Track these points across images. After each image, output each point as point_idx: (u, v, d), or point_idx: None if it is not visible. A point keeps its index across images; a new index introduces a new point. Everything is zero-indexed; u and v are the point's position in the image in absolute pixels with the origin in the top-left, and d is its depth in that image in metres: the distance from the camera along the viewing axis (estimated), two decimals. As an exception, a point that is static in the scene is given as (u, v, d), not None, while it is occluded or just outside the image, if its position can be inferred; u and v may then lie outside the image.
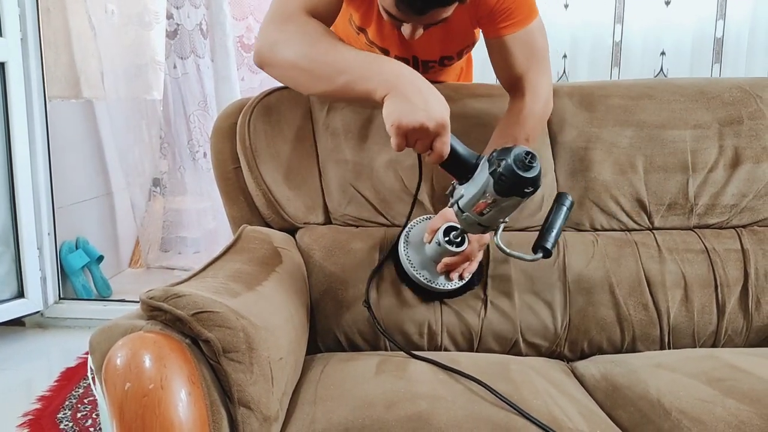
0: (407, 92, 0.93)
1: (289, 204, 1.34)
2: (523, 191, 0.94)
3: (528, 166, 0.92)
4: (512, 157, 0.92)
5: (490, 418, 0.89)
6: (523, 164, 0.92)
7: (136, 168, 3.08)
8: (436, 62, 1.34)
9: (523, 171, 0.92)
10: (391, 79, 0.95)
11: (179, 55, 2.95)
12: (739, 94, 1.38)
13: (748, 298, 1.27)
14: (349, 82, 0.97)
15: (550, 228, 1.02)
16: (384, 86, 0.95)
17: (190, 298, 0.83)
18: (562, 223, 1.03)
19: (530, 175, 0.92)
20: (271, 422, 0.86)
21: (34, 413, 1.83)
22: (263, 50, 1.07)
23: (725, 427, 0.88)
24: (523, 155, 0.92)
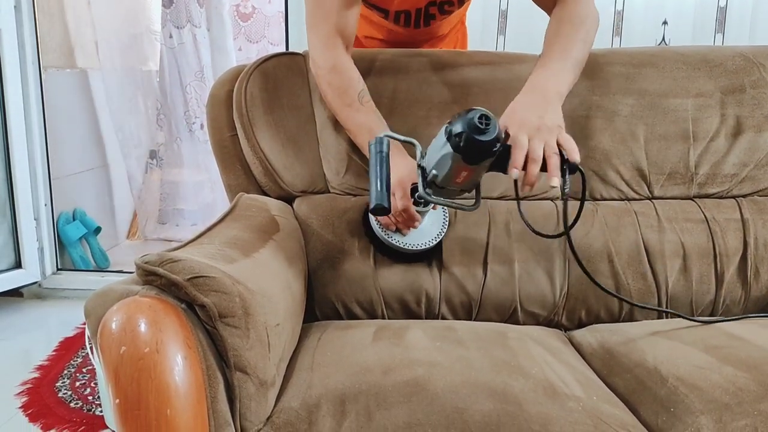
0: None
1: (286, 172, 1.33)
2: (492, 151, 0.93)
3: (484, 129, 0.91)
4: (467, 125, 0.91)
5: (487, 383, 0.89)
6: (478, 129, 0.91)
7: (133, 139, 3.06)
8: (437, 5, 1.34)
9: (481, 135, 0.91)
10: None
11: (175, 25, 2.92)
12: (742, 62, 1.36)
13: (747, 267, 1.27)
14: (361, 145, 1.23)
15: (378, 180, 1.01)
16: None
17: (185, 263, 0.83)
18: (387, 168, 1.03)
19: (489, 138, 0.91)
20: (267, 387, 0.86)
21: (32, 382, 1.84)
22: (311, 69, 1.27)
23: (722, 394, 0.88)
24: (476, 121, 0.91)
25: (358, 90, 1.23)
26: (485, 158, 0.94)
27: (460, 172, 0.96)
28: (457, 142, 0.92)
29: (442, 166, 0.97)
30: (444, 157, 0.95)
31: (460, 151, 0.92)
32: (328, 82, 1.23)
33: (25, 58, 2.37)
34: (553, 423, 0.83)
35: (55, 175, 2.56)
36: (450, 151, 0.93)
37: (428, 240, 1.24)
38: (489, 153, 0.93)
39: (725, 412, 0.85)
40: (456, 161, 0.94)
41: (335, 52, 1.22)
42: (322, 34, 1.22)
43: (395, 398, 0.85)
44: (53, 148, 2.53)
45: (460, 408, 0.84)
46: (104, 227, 2.88)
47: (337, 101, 1.24)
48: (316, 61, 1.24)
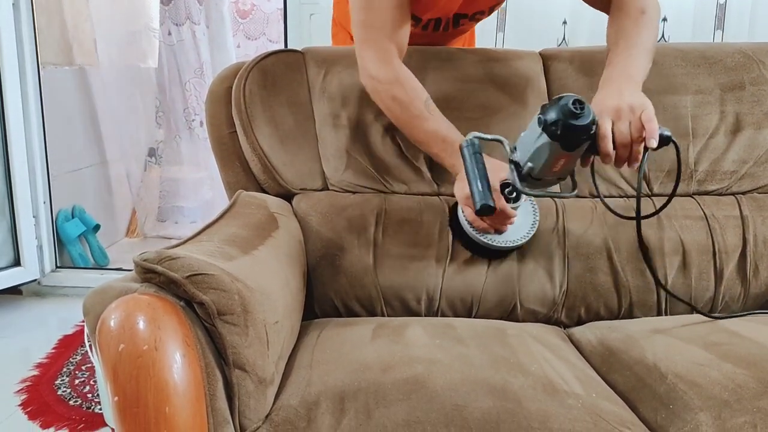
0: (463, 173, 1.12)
1: (285, 169, 1.32)
2: (590, 134, 0.94)
3: (579, 114, 0.91)
4: (562, 112, 0.91)
5: (486, 381, 0.89)
6: (574, 114, 0.91)
7: (132, 137, 3.06)
8: (470, 15, 1.35)
9: (578, 120, 0.91)
10: (457, 163, 1.15)
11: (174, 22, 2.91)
12: (742, 59, 1.36)
13: (746, 264, 1.27)
14: (436, 155, 1.22)
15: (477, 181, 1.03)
16: (453, 169, 1.20)
17: (184, 261, 0.83)
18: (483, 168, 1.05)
19: (586, 122, 0.92)
20: (266, 385, 0.86)
21: (32, 380, 1.84)
22: (365, 85, 1.25)
23: (721, 391, 0.88)
24: (570, 107, 0.91)
25: (423, 99, 1.21)
26: (583, 142, 0.94)
27: (557, 160, 0.96)
28: (554, 131, 0.92)
29: (538, 157, 0.97)
30: (540, 147, 0.95)
31: (558, 138, 0.93)
32: (392, 96, 1.21)
33: (24, 55, 2.36)
34: (552, 420, 0.82)
35: (54, 173, 2.56)
36: (547, 141, 0.94)
37: (524, 234, 1.23)
38: (588, 137, 0.94)
39: (724, 409, 0.85)
40: (554, 150, 0.94)
41: (395, 65, 1.21)
42: (379, 48, 1.20)
43: (394, 396, 0.85)
44: (52, 146, 2.53)
45: (460, 405, 0.84)
46: (103, 225, 2.88)
47: (404, 114, 1.21)
48: (376, 77, 1.21)
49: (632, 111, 0.98)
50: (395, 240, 1.26)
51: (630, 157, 1.00)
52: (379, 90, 1.22)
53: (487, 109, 1.32)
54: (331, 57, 1.36)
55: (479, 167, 1.03)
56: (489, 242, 1.21)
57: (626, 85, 1.04)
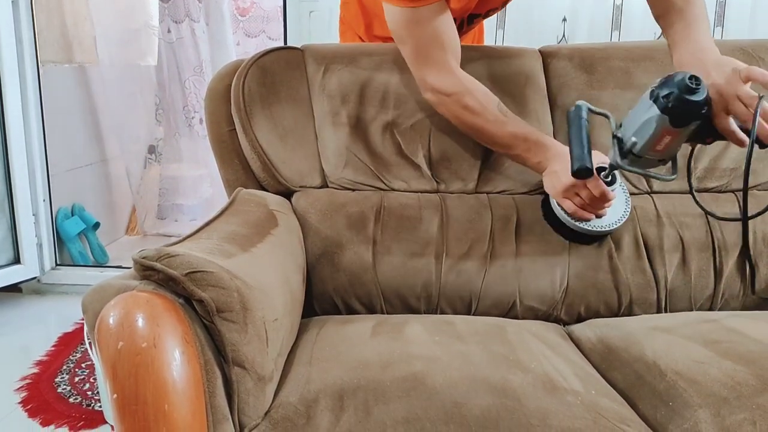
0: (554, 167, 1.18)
1: (284, 167, 1.32)
2: (701, 113, 0.92)
3: (695, 89, 0.90)
4: (677, 86, 0.90)
5: (486, 379, 0.89)
6: (689, 89, 0.90)
7: (131, 134, 3.06)
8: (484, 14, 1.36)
9: (692, 95, 0.90)
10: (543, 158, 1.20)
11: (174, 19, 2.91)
12: (742, 56, 1.36)
13: (746, 261, 1.27)
14: (518, 156, 1.23)
15: (580, 145, 1.01)
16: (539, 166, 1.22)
17: (183, 258, 0.83)
18: (587, 136, 1.03)
19: (700, 98, 0.90)
20: (265, 382, 0.86)
21: (31, 377, 1.84)
22: (429, 100, 1.24)
23: (721, 388, 0.88)
24: (686, 81, 0.90)
25: (495, 103, 1.21)
26: (693, 120, 0.93)
27: (663, 136, 0.95)
28: (665, 104, 0.91)
29: (644, 131, 0.96)
30: (648, 120, 0.94)
31: (669, 112, 0.91)
32: (464, 105, 1.20)
33: (23, 53, 2.36)
34: (551, 417, 0.82)
35: (54, 171, 2.56)
36: (657, 114, 0.92)
37: (619, 217, 1.22)
38: (698, 115, 0.92)
39: (724, 406, 0.85)
40: (662, 124, 0.93)
41: (458, 74, 1.20)
42: (438, 61, 1.19)
43: (394, 393, 0.85)
44: (51, 144, 2.52)
45: (459, 403, 0.84)
46: (103, 223, 2.88)
47: (479, 120, 1.21)
48: (441, 89, 1.20)
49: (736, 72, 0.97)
50: (394, 237, 1.26)
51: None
52: (446, 102, 1.21)
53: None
54: (331, 54, 1.36)
55: (582, 131, 1.02)
56: (590, 228, 1.20)
57: (709, 56, 1.04)
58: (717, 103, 0.98)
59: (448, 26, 1.19)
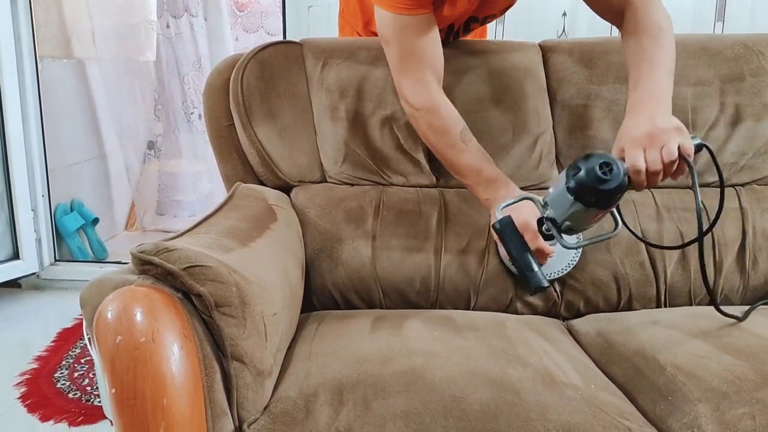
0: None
1: (283, 162, 1.32)
2: (623, 191, 0.92)
3: (606, 179, 0.89)
4: (589, 178, 0.90)
5: (485, 373, 0.89)
6: (601, 180, 0.89)
7: (130, 130, 3.05)
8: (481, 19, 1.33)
9: (605, 184, 0.90)
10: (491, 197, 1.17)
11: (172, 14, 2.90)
12: (742, 50, 1.36)
13: (746, 256, 1.27)
14: (470, 186, 1.21)
15: (527, 262, 0.99)
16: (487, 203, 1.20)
17: (181, 252, 0.82)
18: (528, 247, 1.01)
19: (614, 185, 0.90)
20: (264, 377, 0.86)
21: (31, 373, 1.84)
22: (405, 111, 1.24)
23: (720, 382, 0.88)
24: (597, 173, 0.89)
25: (459, 129, 1.19)
26: (620, 196, 0.93)
27: (595, 216, 0.96)
28: (588, 200, 0.91)
29: (576, 218, 0.95)
30: (577, 212, 0.94)
31: (593, 205, 0.92)
32: (428, 124, 1.20)
33: (21, 48, 2.35)
34: (551, 411, 0.82)
35: (53, 166, 2.55)
36: (582, 207, 0.92)
37: (564, 266, 1.23)
38: (621, 190, 0.92)
39: (723, 401, 0.85)
40: (590, 212, 0.93)
41: (428, 91, 1.19)
42: (414, 74, 1.19)
43: (393, 387, 0.85)
44: (50, 139, 2.52)
45: (458, 397, 0.83)
46: (102, 218, 2.87)
47: (440, 142, 1.20)
48: (412, 103, 1.20)
49: (665, 133, 0.95)
50: (393, 232, 1.26)
51: (662, 178, 0.96)
52: (416, 117, 1.21)
53: (485, 101, 1.31)
54: (329, 48, 1.35)
55: (521, 248, 1.00)
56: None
57: (657, 109, 1.00)
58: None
59: (432, 41, 1.19)
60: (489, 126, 1.31)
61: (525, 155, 1.32)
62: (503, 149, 1.31)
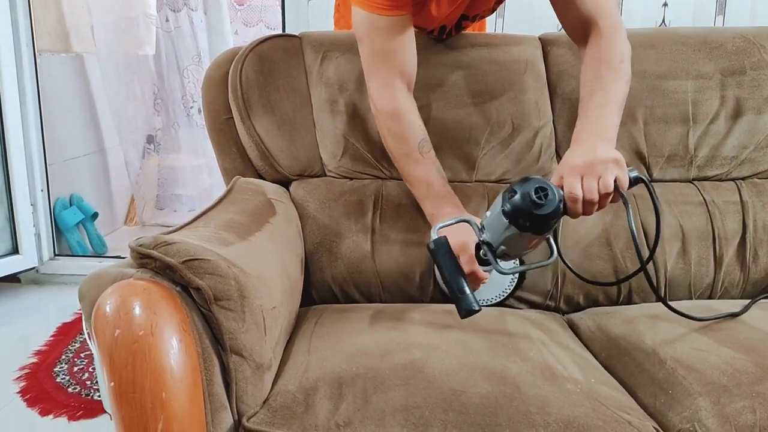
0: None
1: (282, 155, 1.32)
2: (559, 214, 0.92)
3: (542, 204, 0.89)
4: (524, 203, 0.89)
5: (485, 366, 0.89)
6: (537, 205, 0.89)
7: (130, 124, 3.04)
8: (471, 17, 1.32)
9: (541, 209, 0.89)
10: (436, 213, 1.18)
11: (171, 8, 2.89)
12: (743, 43, 1.35)
13: (746, 250, 1.27)
14: (419, 198, 1.21)
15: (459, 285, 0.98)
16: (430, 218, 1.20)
17: (180, 246, 0.82)
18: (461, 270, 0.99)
19: (549, 210, 0.89)
20: (264, 370, 0.85)
21: (30, 367, 1.84)
22: (372, 111, 1.22)
23: (720, 375, 0.88)
24: (533, 198, 0.89)
25: (418, 139, 1.18)
26: (555, 222, 0.93)
27: (531, 241, 0.96)
28: (522, 224, 0.91)
29: (511, 243, 0.95)
30: (512, 236, 0.94)
31: (528, 230, 0.91)
32: (388, 128, 1.20)
33: (20, 42, 2.34)
34: (551, 405, 0.82)
35: (52, 161, 2.55)
36: (516, 232, 0.92)
37: (501, 291, 1.22)
38: (556, 217, 0.92)
39: (723, 394, 0.85)
40: (525, 236, 0.93)
41: (395, 95, 1.18)
42: (381, 76, 1.18)
43: (393, 381, 0.85)
44: (49, 134, 2.51)
45: (458, 390, 0.83)
46: (101, 213, 2.87)
47: (397, 148, 1.20)
48: (377, 105, 1.19)
49: (603, 164, 0.95)
50: (393, 226, 1.26)
51: (598, 209, 0.97)
52: (378, 119, 1.20)
53: (485, 94, 1.31)
54: (329, 42, 1.35)
55: (453, 270, 0.99)
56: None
57: (600, 141, 1.00)
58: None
59: (405, 45, 1.17)
60: (489, 119, 1.30)
61: (525, 149, 1.31)
62: (503, 143, 1.31)
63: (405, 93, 1.19)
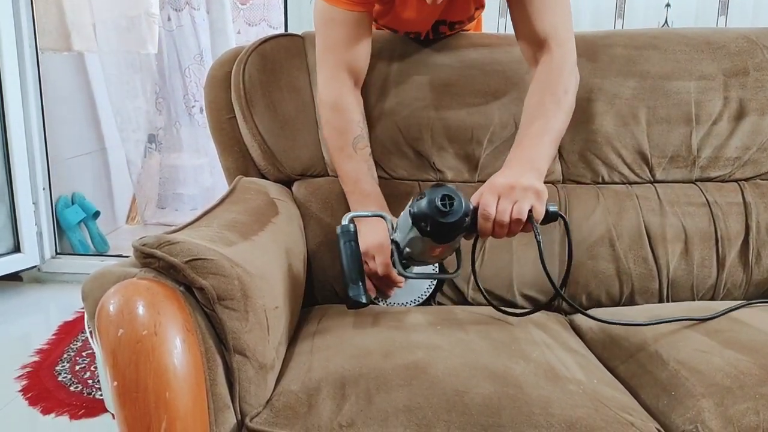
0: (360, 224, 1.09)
1: (284, 155, 1.32)
2: (462, 227, 0.92)
3: (447, 212, 0.89)
4: (430, 209, 0.89)
5: (487, 366, 0.89)
6: (441, 212, 0.89)
7: (131, 123, 3.04)
8: (449, 24, 1.32)
9: (446, 218, 0.89)
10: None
11: (174, 7, 2.89)
12: (746, 44, 1.35)
13: (749, 251, 1.26)
14: (346, 193, 1.22)
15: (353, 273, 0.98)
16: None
17: (183, 245, 0.82)
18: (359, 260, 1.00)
19: (454, 219, 0.89)
20: (266, 370, 0.85)
21: (32, 366, 1.84)
22: (316, 103, 1.27)
23: (723, 377, 0.88)
24: (438, 205, 0.89)
25: (354, 135, 1.19)
26: (456, 235, 0.93)
27: (433, 249, 0.96)
28: (423, 227, 0.91)
29: (414, 246, 0.96)
30: (414, 239, 0.94)
31: (429, 235, 0.91)
32: (327, 119, 1.21)
33: (22, 41, 2.34)
34: (553, 406, 0.82)
35: (54, 159, 2.55)
36: (418, 235, 0.92)
37: (416, 296, 1.21)
38: (459, 230, 0.92)
39: (727, 396, 0.85)
40: (427, 242, 0.93)
41: (339, 88, 1.19)
42: (328, 67, 1.19)
43: (395, 381, 0.85)
44: (51, 132, 2.51)
45: (461, 391, 0.83)
46: (103, 212, 2.87)
47: (333, 141, 1.22)
48: (320, 95, 1.21)
49: (523, 191, 0.95)
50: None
51: (508, 234, 0.97)
52: (320, 109, 1.22)
53: (488, 95, 1.31)
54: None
55: (351, 258, 0.99)
56: (377, 302, 1.19)
57: (529, 171, 1.00)
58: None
59: (358, 41, 1.18)
60: (491, 120, 1.30)
61: (528, 149, 1.31)
62: (506, 143, 1.31)
63: (350, 87, 1.20)
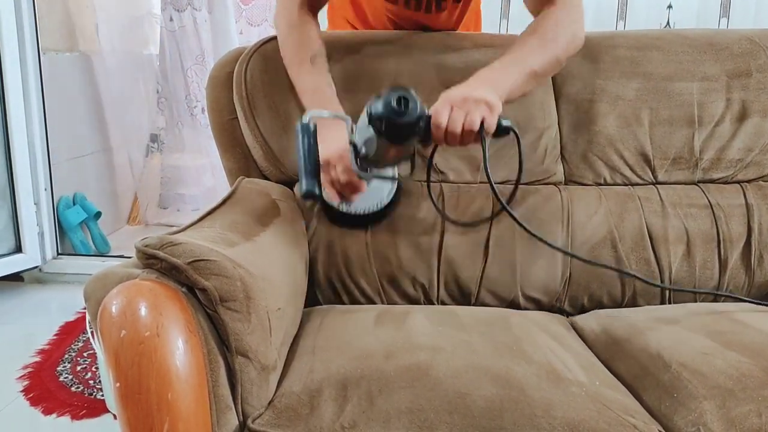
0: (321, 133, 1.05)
1: (286, 156, 1.31)
2: (415, 130, 0.93)
3: (402, 112, 0.90)
4: (385, 109, 0.90)
5: (489, 368, 0.89)
6: (396, 112, 0.90)
7: (133, 123, 3.04)
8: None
9: (401, 117, 0.90)
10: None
11: (175, 8, 2.89)
12: (749, 45, 1.35)
13: (751, 253, 1.26)
14: (305, 106, 1.20)
15: (309, 165, 0.98)
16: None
17: (186, 247, 0.82)
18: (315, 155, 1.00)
19: (410, 119, 0.90)
20: (269, 371, 0.85)
21: (33, 366, 1.84)
22: (275, 28, 1.29)
23: (726, 380, 0.87)
24: (393, 105, 0.89)
25: (313, 50, 1.21)
26: (410, 137, 0.95)
27: (388, 150, 0.97)
28: (378, 126, 0.91)
29: (369, 146, 0.97)
30: (370, 139, 0.95)
31: (383, 134, 0.92)
32: (284, 38, 1.24)
33: (24, 41, 2.34)
34: (556, 408, 0.82)
35: (55, 160, 2.55)
36: (374, 135, 0.93)
37: (377, 201, 1.22)
38: (412, 132, 0.93)
39: (729, 398, 0.84)
40: (381, 142, 0.94)
41: (296, 10, 1.22)
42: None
43: (397, 383, 0.85)
44: (53, 132, 2.51)
45: (463, 393, 0.83)
46: (105, 212, 2.87)
47: (290, 56, 1.23)
48: (277, 23, 1.24)
49: (475, 103, 0.96)
50: (394, 227, 1.25)
51: (460, 143, 0.98)
52: (278, 31, 1.25)
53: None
54: (333, 42, 1.34)
55: (308, 153, 0.99)
56: (339, 208, 1.21)
57: (487, 85, 1.01)
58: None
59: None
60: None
61: (530, 150, 1.31)
62: (508, 144, 1.30)
63: (306, 9, 1.24)
